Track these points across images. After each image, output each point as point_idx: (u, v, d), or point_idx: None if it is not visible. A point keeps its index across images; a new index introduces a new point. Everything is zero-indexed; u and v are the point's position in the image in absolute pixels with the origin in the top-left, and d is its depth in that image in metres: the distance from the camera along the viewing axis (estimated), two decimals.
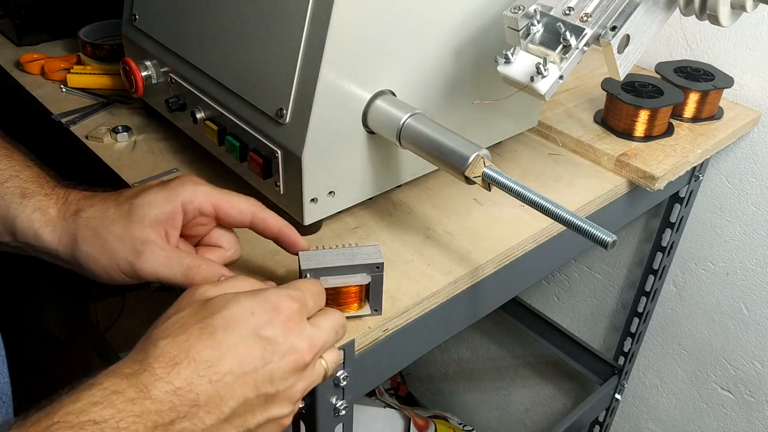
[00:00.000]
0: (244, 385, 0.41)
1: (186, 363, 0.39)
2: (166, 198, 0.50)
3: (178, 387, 0.39)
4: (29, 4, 0.95)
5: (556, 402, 1.41)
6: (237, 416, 0.41)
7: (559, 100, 0.88)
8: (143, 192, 0.51)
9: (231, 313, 0.42)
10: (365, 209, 0.67)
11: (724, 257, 1.01)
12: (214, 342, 0.40)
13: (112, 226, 0.49)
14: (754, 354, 1.03)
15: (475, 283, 0.61)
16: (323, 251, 0.51)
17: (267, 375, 0.42)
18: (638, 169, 0.74)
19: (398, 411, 1.36)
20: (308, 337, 0.44)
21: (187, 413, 0.39)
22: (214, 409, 0.40)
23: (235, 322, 0.42)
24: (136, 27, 0.73)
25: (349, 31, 0.53)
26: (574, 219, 0.49)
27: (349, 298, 0.52)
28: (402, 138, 0.56)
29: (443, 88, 0.64)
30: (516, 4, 0.56)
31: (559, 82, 0.54)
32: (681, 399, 1.17)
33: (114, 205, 0.51)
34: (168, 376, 0.39)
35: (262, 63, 0.58)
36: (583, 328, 1.28)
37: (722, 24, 0.56)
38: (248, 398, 0.41)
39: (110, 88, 0.85)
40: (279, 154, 0.57)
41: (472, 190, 0.70)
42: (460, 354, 1.60)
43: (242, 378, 0.41)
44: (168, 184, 0.51)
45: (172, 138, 0.75)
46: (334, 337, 0.46)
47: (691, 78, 0.86)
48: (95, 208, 0.51)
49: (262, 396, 0.42)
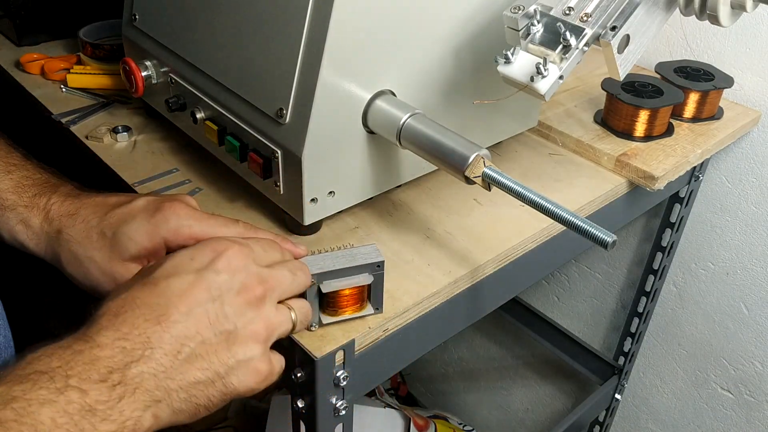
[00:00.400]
0: (197, 323, 0.40)
1: (131, 311, 0.39)
2: (149, 234, 0.48)
3: (126, 332, 0.38)
4: (29, 4, 0.95)
5: (556, 402, 1.41)
6: (198, 357, 0.40)
7: (559, 100, 0.88)
8: (127, 222, 0.49)
9: (171, 263, 0.42)
10: (365, 209, 0.67)
11: (724, 257, 1.01)
12: (158, 290, 0.40)
13: (94, 256, 0.48)
14: (754, 354, 1.03)
15: (475, 283, 0.61)
16: (322, 255, 0.51)
17: (219, 311, 0.41)
18: (638, 169, 0.74)
19: (398, 411, 1.36)
20: (256, 273, 0.43)
21: (141, 356, 0.38)
22: (170, 351, 0.39)
23: (175, 270, 0.41)
24: (136, 27, 0.73)
25: (349, 31, 0.53)
26: (574, 219, 0.49)
27: (352, 300, 0.52)
28: (402, 138, 0.56)
29: (443, 88, 0.64)
30: (516, 4, 0.56)
31: (559, 82, 0.54)
32: (681, 399, 1.17)
33: (97, 232, 0.49)
34: (113, 324, 0.38)
35: (262, 63, 0.58)
36: (583, 328, 1.28)
37: (722, 24, 0.56)
38: (206, 338, 0.40)
39: (110, 88, 0.85)
40: (279, 154, 0.57)
41: (472, 190, 0.69)
42: (460, 354, 1.60)
43: (193, 317, 0.40)
44: (153, 216, 0.49)
45: (172, 138, 0.75)
46: (289, 275, 0.46)
47: (691, 78, 0.86)
48: (77, 230, 0.49)
49: (220, 334, 0.41)
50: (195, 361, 0.40)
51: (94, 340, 0.38)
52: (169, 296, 0.40)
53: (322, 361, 0.51)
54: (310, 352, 0.51)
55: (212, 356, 0.41)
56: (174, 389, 0.39)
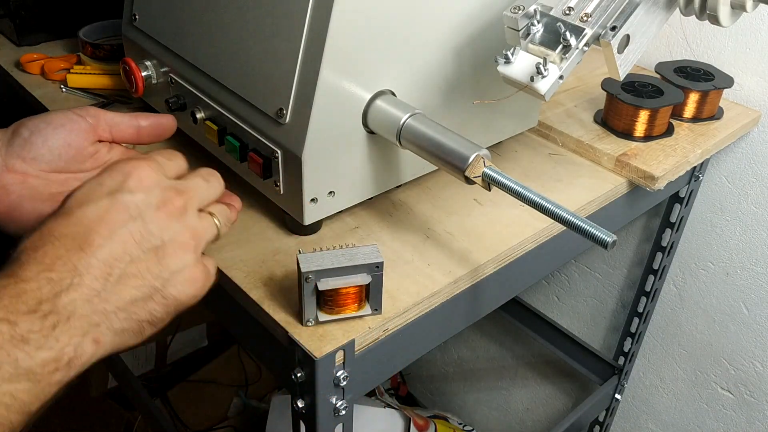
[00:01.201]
0: (123, 244, 0.40)
1: (50, 244, 0.38)
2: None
3: (50, 263, 0.38)
4: (29, 4, 0.95)
5: (556, 402, 1.41)
6: (131, 276, 0.40)
7: (559, 100, 0.88)
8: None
9: (80, 192, 0.42)
10: (365, 209, 0.67)
11: (724, 257, 1.01)
12: (73, 219, 0.40)
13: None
14: (754, 354, 1.03)
15: (475, 283, 0.61)
16: (322, 253, 0.51)
17: (142, 229, 0.41)
18: (638, 169, 0.74)
19: (398, 411, 1.36)
20: (171, 186, 0.44)
21: (71, 284, 0.38)
22: (99, 275, 0.39)
23: (87, 198, 0.41)
24: (136, 27, 0.73)
25: (349, 31, 0.53)
26: (574, 219, 0.49)
27: (349, 299, 0.52)
28: (402, 138, 0.56)
29: (443, 88, 0.64)
30: (516, 4, 0.56)
31: (559, 82, 0.54)
32: (681, 399, 1.17)
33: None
34: (34, 258, 0.38)
35: (262, 63, 0.58)
36: (583, 328, 1.28)
37: (722, 24, 0.56)
38: (135, 256, 0.40)
39: (110, 88, 0.85)
40: (279, 154, 0.57)
41: (472, 190, 0.70)
42: (460, 354, 1.60)
43: (117, 239, 0.40)
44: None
45: (172, 138, 0.75)
46: (203, 183, 0.46)
47: (691, 78, 0.86)
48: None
49: (149, 251, 0.41)
50: (128, 280, 0.40)
51: (18, 275, 0.37)
52: (87, 224, 0.40)
53: (322, 361, 0.51)
54: (310, 352, 0.51)
55: (145, 273, 0.41)
56: (111, 311, 0.39)
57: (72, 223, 0.40)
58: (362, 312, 0.53)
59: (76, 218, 0.40)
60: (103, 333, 0.39)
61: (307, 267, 0.50)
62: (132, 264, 0.40)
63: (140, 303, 0.40)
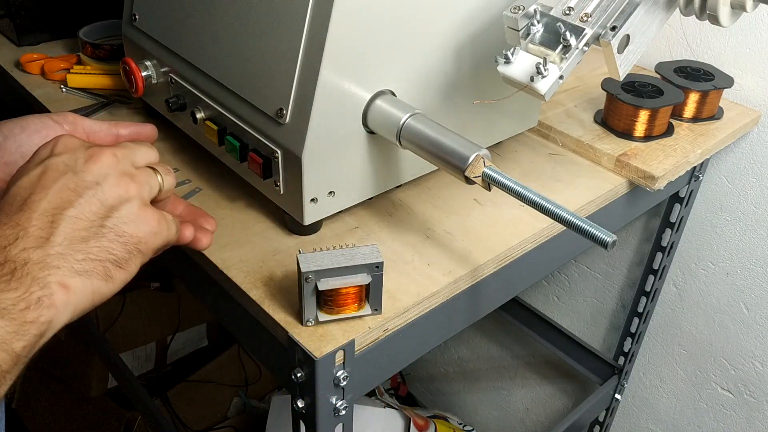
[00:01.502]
0: (60, 195, 0.42)
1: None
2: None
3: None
4: (29, 4, 0.95)
5: (556, 402, 1.41)
6: (75, 219, 0.41)
7: (559, 100, 0.88)
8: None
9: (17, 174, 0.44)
10: (365, 209, 0.67)
11: (724, 257, 1.01)
12: (11, 193, 0.42)
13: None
14: (754, 354, 1.03)
15: (475, 283, 0.61)
16: (322, 253, 0.51)
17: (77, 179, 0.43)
18: (638, 169, 0.74)
19: (398, 411, 1.36)
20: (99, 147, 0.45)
21: (17, 237, 0.39)
22: (43, 225, 0.40)
23: (19, 176, 0.43)
24: (136, 27, 0.73)
25: (349, 31, 0.53)
26: (574, 219, 0.49)
27: (349, 299, 0.52)
28: (402, 138, 0.56)
29: (443, 88, 0.64)
30: (516, 4, 0.56)
31: (559, 82, 0.54)
32: (681, 399, 1.17)
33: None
34: None
35: (262, 63, 0.58)
36: (583, 328, 1.28)
37: (722, 24, 0.56)
38: (75, 202, 0.42)
39: (110, 88, 0.85)
40: (279, 154, 0.57)
41: (472, 190, 0.70)
42: (460, 354, 1.60)
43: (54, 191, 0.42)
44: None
45: (172, 138, 0.75)
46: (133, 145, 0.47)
47: (691, 78, 0.86)
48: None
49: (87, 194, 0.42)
50: (73, 223, 0.41)
51: None
52: (23, 191, 0.42)
53: (322, 361, 0.51)
54: (310, 352, 0.51)
55: (87, 213, 0.42)
56: (66, 253, 0.40)
57: (10, 196, 0.42)
58: (362, 312, 0.53)
59: (14, 191, 0.42)
60: (66, 275, 0.40)
61: (307, 267, 0.50)
62: (72, 208, 0.42)
63: (92, 241, 0.42)
